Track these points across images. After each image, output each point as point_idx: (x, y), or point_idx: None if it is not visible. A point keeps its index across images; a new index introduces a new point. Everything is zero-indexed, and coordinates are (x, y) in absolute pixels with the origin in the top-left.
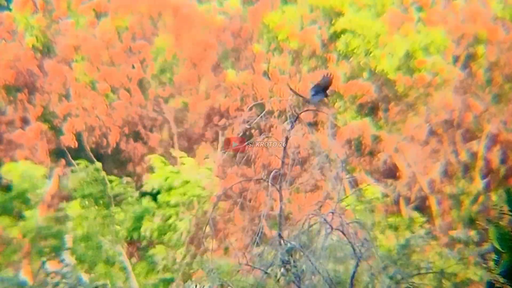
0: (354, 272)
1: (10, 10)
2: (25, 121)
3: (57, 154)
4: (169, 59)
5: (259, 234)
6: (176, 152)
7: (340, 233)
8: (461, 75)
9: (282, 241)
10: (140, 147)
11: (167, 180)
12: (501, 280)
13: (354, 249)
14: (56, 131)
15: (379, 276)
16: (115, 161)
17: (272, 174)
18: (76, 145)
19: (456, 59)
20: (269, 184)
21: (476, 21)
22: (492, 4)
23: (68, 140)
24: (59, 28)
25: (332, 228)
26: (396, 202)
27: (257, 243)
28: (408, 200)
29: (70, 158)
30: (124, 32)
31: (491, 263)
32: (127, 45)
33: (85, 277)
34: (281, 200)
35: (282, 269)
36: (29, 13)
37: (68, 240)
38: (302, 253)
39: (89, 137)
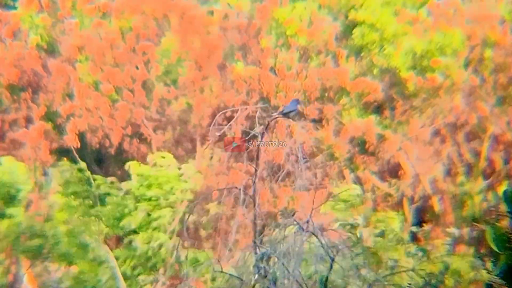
0: (327, 276)
1: (15, 8)
2: (28, 120)
3: (60, 153)
4: (174, 60)
5: (233, 240)
6: (151, 157)
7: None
8: (476, 81)
9: (257, 248)
10: (143, 148)
11: (144, 174)
12: (500, 281)
13: (327, 253)
14: (59, 130)
15: (352, 278)
16: (118, 162)
17: (244, 182)
18: (79, 145)
19: (467, 62)
20: (241, 193)
21: (484, 23)
22: (499, 6)
23: (70, 140)
24: (64, 28)
25: (303, 230)
26: (400, 202)
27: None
28: (411, 200)
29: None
30: (128, 33)
31: (489, 264)
32: (131, 46)
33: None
34: (254, 206)
35: (257, 276)
36: (34, 12)
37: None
38: (276, 259)
39: (91, 138)
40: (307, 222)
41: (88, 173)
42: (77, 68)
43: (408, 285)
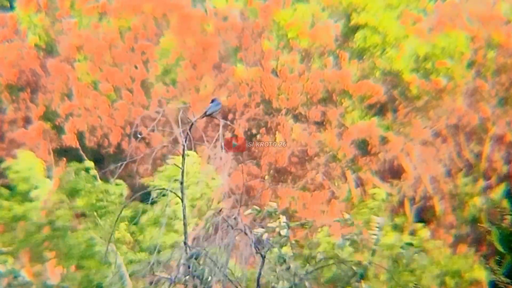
0: (259, 273)
1: (13, 9)
2: (27, 120)
3: (59, 153)
4: (173, 60)
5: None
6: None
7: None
8: (479, 82)
9: (187, 248)
10: (142, 147)
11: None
12: (505, 280)
13: (257, 249)
14: (58, 130)
15: (283, 273)
16: (117, 161)
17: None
18: (78, 145)
19: (470, 64)
20: (169, 192)
21: (488, 24)
22: (503, 8)
23: (69, 140)
24: (62, 28)
25: (232, 229)
26: (401, 202)
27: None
28: (413, 201)
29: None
30: (127, 32)
31: (494, 264)
32: (130, 45)
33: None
34: (183, 208)
35: (188, 276)
36: (32, 12)
37: None
38: (207, 258)
39: (90, 137)
40: (235, 218)
41: (94, 171)
42: (76, 67)
43: None
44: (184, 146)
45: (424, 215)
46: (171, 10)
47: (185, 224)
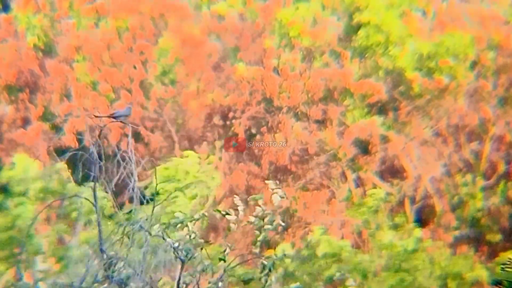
0: (179, 277)
1: (6, 12)
2: (26, 121)
3: (58, 153)
4: (172, 60)
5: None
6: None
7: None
8: (482, 83)
9: (104, 254)
10: (141, 148)
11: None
12: None
13: (177, 253)
14: (57, 130)
15: (202, 275)
16: (116, 162)
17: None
18: (77, 145)
19: (473, 65)
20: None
21: (488, 25)
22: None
23: (68, 140)
24: (61, 28)
25: (150, 235)
26: (401, 202)
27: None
28: (413, 200)
29: None
30: (125, 33)
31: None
32: (128, 46)
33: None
34: (98, 215)
35: (106, 284)
36: (31, 13)
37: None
38: (124, 263)
39: (89, 137)
40: (147, 219)
41: (67, 173)
42: (75, 68)
43: None
44: (95, 153)
45: (424, 215)
46: (168, 10)
47: (100, 231)
